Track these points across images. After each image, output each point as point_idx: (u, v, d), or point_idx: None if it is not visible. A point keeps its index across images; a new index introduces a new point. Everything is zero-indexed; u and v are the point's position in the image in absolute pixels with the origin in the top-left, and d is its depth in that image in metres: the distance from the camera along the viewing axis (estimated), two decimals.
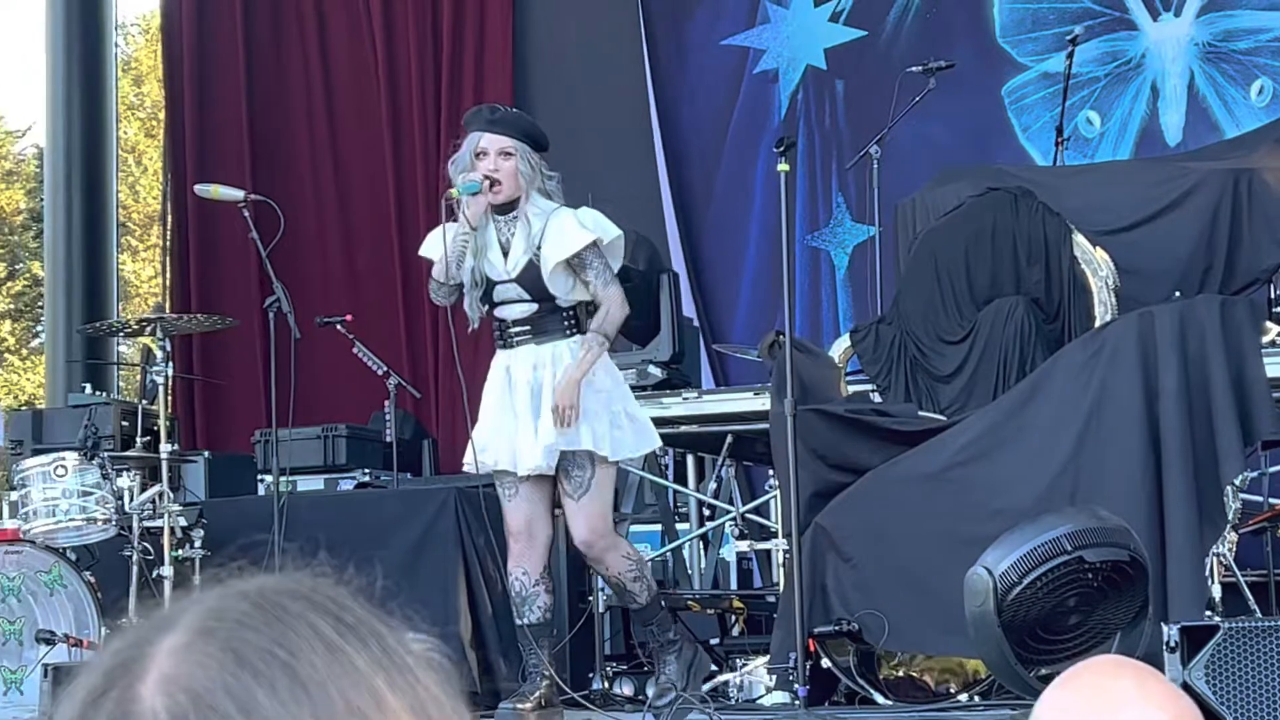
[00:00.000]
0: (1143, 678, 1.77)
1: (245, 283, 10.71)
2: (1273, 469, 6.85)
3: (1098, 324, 6.59)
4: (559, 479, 5.89)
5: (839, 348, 7.36)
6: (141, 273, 21.81)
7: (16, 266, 22.29)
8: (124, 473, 6.63)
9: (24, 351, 22.00)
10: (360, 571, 1.14)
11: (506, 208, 5.91)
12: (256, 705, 0.99)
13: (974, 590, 4.94)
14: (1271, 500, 6.75)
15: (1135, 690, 1.74)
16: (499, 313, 5.93)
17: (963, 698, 5.84)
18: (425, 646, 1.48)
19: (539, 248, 5.84)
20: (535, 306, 5.89)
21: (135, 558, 6.48)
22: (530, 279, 5.86)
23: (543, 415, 5.82)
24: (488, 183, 5.83)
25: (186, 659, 1.02)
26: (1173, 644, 4.74)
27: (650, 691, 6.71)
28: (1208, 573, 5.77)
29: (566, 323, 5.91)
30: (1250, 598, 6.08)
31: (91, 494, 6.48)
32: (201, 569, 6.57)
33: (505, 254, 5.90)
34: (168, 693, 1.00)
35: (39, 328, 21.45)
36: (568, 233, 5.85)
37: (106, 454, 6.62)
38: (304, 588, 1.07)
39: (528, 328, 5.91)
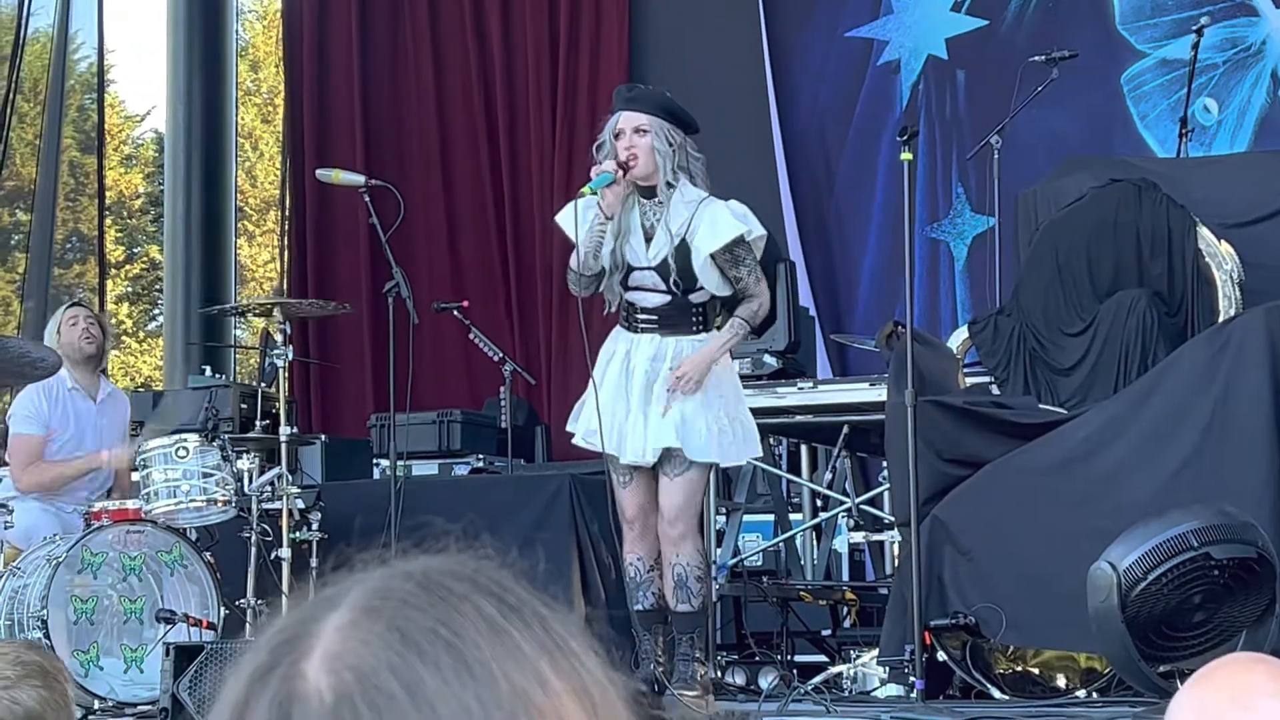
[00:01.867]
0: (1275, 671, 1.75)
1: (360, 267, 10.78)
2: None
3: (1222, 318, 6.49)
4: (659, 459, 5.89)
5: (957, 339, 7.30)
6: (257, 257, 22.01)
7: (134, 250, 22.57)
8: (243, 455, 6.69)
9: (140, 334, 22.27)
10: (523, 555, 1.13)
11: (652, 191, 5.86)
12: (421, 684, 0.99)
13: (1098, 585, 4.88)
14: None
15: (1271, 685, 1.72)
16: (630, 297, 5.89)
17: (1081, 694, 5.78)
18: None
19: (687, 238, 5.79)
20: (668, 298, 5.85)
21: (254, 539, 6.54)
22: (668, 270, 5.82)
23: (653, 412, 5.80)
24: (621, 171, 5.78)
25: (352, 637, 1.01)
26: None
27: (763, 682, 6.70)
28: None
29: (695, 319, 5.88)
30: None
31: (212, 475, 6.54)
32: (319, 551, 6.62)
33: (648, 240, 5.86)
34: (333, 670, 1.00)
35: (155, 311, 21.71)
36: (720, 224, 5.80)
37: (226, 436, 6.68)
38: (468, 569, 1.06)
39: (656, 319, 5.87)
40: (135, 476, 6.77)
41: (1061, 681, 5.98)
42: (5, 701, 2.55)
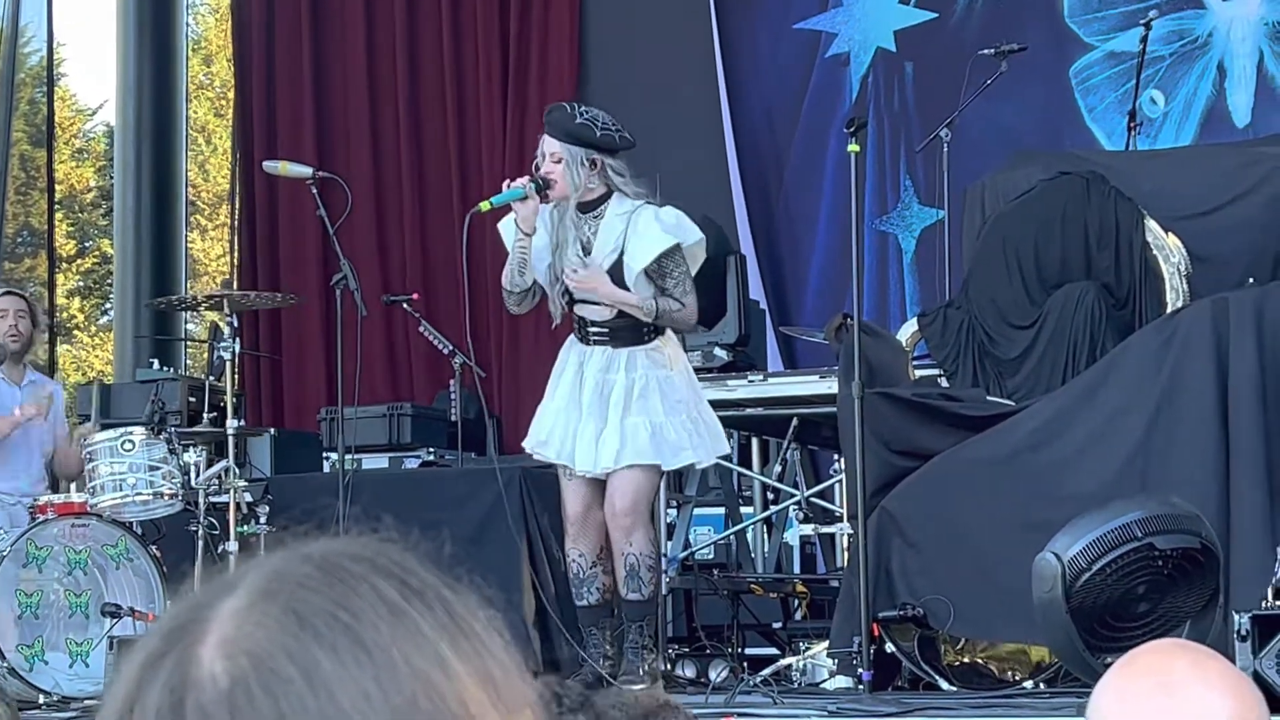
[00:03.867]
0: (1200, 659, 1.78)
1: (312, 260, 10.74)
2: None
3: (1169, 310, 6.52)
4: None
5: (906, 331, 7.32)
6: (210, 251, 21.92)
7: (85, 244, 22.45)
8: (190, 448, 6.65)
9: (93, 328, 22.16)
10: (427, 540, 1.11)
11: (587, 206, 5.88)
12: (317, 667, 0.98)
13: (1042, 576, 4.89)
14: None
15: (1193, 671, 1.75)
16: (579, 310, 5.91)
17: (1028, 685, 5.79)
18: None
19: (623, 254, 5.81)
20: (615, 311, 5.87)
21: (201, 532, 6.50)
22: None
23: (609, 425, 5.82)
24: (537, 188, 5.82)
25: (247, 621, 1.00)
26: (1243, 632, 4.68)
27: (713, 675, 6.69)
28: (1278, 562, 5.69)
29: (646, 328, 5.89)
30: None
31: (158, 469, 6.50)
32: (266, 545, 6.59)
33: (586, 253, 5.87)
34: (228, 655, 0.99)
35: (107, 305, 21.59)
36: (648, 237, 5.82)
37: (173, 429, 6.64)
38: (368, 551, 1.05)
39: (606, 332, 5.89)
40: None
41: (1010, 673, 6.00)
42: None
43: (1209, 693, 1.72)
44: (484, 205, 5.87)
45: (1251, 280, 6.57)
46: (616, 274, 5.83)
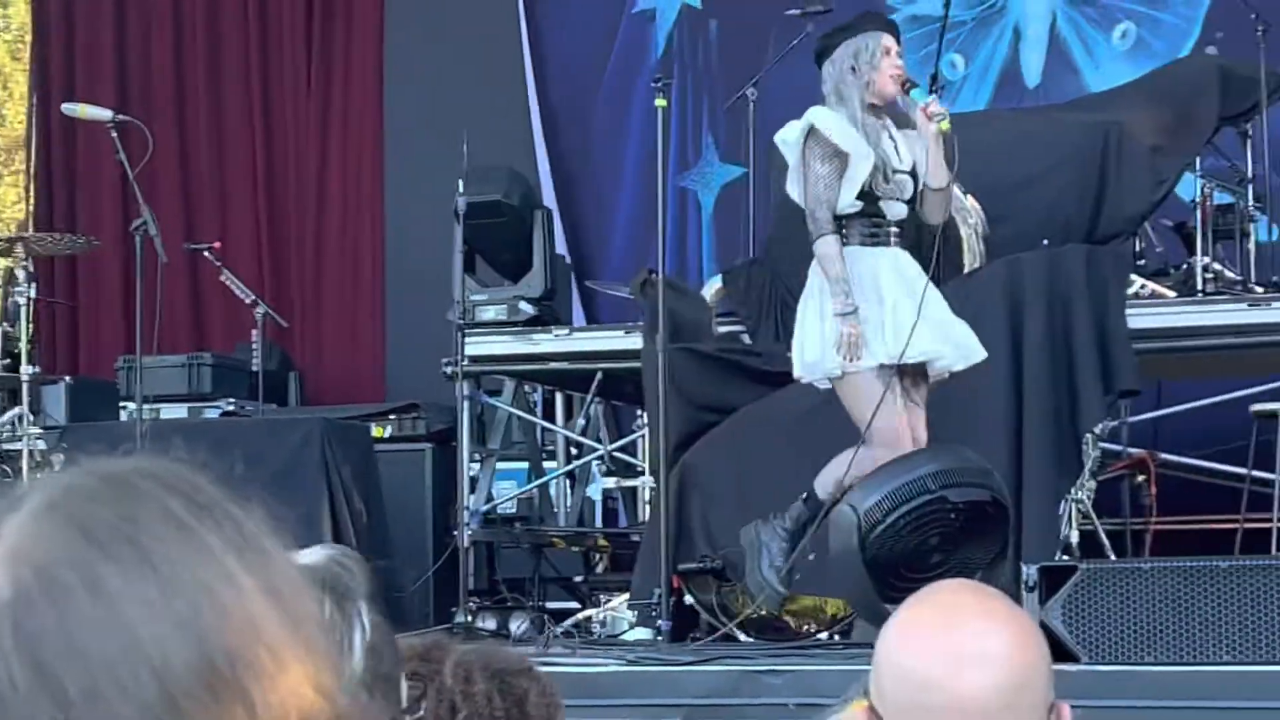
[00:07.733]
0: (984, 596, 1.87)
1: (110, 206, 10.53)
2: (1131, 419, 6.92)
3: (966, 270, 6.63)
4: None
5: (711, 288, 7.37)
6: (5, 197, 21.40)
7: None
8: None
9: None
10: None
11: (877, 110, 5.83)
12: (101, 580, 0.98)
13: (839, 527, 4.97)
14: (1130, 450, 6.83)
15: (977, 606, 1.82)
16: (882, 206, 5.72)
17: (823, 636, 5.88)
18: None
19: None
20: (908, 210, 5.75)
21: None
22: (916, 178, 5.74)
23: (888, 318, 5.57)
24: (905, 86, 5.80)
25: (31, 533, 1.00)
26: (1031, 583, 4.80)
27: (513, 627, 6.71)
28: (1065, 517, 5.85)
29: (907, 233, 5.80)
30: (1107, 544, 6.16)
31: None
32: None
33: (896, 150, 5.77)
34: (11, 566, 0.99)
35: None
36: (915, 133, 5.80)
37: None
38: (157, 468, 1.06)
39: (899, 230, 5.77)
40: None
41: (805, 627, 6.08)
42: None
43: (989, 622, 1.78)
44: (945, 125, 5.73)
45: (1045, 243, 6.71)
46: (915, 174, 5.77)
